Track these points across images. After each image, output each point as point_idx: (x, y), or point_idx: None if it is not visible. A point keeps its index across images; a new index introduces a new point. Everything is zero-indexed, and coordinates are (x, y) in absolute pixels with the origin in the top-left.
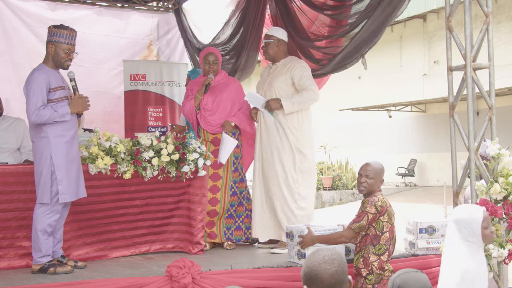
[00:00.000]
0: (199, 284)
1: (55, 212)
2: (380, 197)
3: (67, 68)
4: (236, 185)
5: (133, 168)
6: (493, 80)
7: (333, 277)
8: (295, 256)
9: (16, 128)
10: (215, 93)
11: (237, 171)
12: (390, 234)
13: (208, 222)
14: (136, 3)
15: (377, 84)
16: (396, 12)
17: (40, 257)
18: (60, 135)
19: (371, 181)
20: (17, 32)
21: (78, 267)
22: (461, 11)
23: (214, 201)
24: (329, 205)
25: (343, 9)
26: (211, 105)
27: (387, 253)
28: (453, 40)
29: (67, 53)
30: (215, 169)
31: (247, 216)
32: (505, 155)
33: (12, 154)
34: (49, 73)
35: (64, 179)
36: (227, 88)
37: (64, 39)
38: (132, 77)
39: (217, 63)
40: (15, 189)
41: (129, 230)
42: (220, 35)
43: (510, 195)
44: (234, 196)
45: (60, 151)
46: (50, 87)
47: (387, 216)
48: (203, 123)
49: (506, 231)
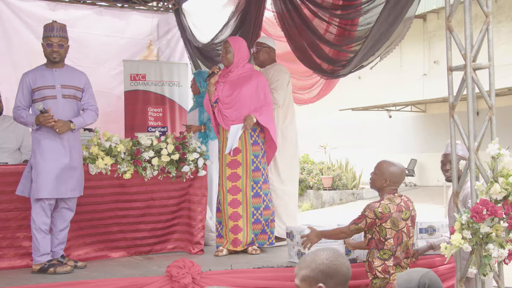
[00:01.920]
0: (199, 284)
1: (45, 209)
2: (384, 202)
3: (54, 60)
4: (258, 185)
5: (133, 168)
6: (493, 80)
7: (349, 270)
8: (295, 256)
9: (16, 128)
10: (234, 87)
11: (258, 170)
12: (395, 241)
13: (233, 227)
14: (136, 3)
15: (377, 84)
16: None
17: (39, 256)
18: (44, 132)
19: (374, 176)
20: (17, 32)
21: (78, 267)
22: (461, 11)
23: (235, 203)
24: (329, 205)
25: (352, 9)
26: (228, 99)
27: (393, 258)
28: (453, 40)
29: (49, 45)
30: (232, 168)
31: (273, 220)
32: (505, 155)
33: (12, 154)
34: (39, 73)
35: (41, 175)
36: (249, 82)
37: (46, 33)
38: (132, 77)
39: (230, 52)
40: (15, 189)
41: (129, 231)
42: (219, 35)
43: (510, 195)
44: (258, 198)
45: (40, 149)
46: (33, 86)
47: (390, 223)
48: (219, 117)
49: (506, 231)
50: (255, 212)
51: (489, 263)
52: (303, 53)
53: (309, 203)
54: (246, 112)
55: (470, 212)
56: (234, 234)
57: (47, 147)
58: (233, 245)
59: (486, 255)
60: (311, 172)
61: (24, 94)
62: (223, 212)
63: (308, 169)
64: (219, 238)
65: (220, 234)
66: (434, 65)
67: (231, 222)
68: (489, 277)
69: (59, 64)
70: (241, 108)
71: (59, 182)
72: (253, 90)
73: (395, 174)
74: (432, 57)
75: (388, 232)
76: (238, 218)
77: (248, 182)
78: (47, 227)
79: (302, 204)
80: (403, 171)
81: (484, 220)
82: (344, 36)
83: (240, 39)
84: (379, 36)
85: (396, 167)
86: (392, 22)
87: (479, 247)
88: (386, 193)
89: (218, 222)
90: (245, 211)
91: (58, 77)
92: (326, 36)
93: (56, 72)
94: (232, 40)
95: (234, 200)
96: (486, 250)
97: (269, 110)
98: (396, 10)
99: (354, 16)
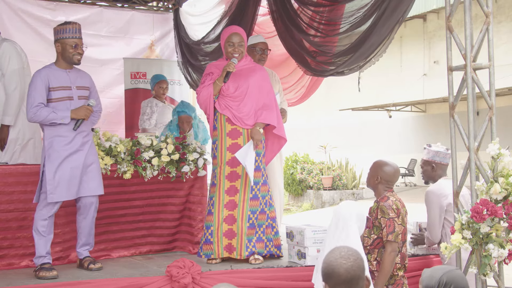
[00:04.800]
0: (199, 284)
1: (45, 211)
2: (393, 199)
3: (78, 62)
4: (257, 187)
5: (133, 168)
6: (493, 80)
7: (348, 272)
8: (295, 256)
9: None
10: (239, 79)
11: (259, 170)
12: (402, 237)
13: (227, 231)
14: (136, 3)
15: (377, 84)
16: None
17: (35, 258)
18: (56, 136)
19: (368, 175)
20: (18, 32)
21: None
22: (461, 11)
23: (232, 205)
24: (329, 205)
25: (334, 6)
26: (233, 92)
27: (400, 255)
28: (453, 40)
29: (73, 47)
30: (232, 167)
31: (269, 225)
32: (505, 155)
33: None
34: (52, 73)
35: (52, 179)
36: (254, 74)
37: (68, 33)
38: (132, 75)
39: (242, 45)
40: (15, 189)
41: (129, 231)
42: (211, 34)
43: (510, 195)
44: (255, 201)
45: (52, 153)
46: (50, 86)
47: (400, 219)
48: (228, 112)
49: (506, 231)
50: (251, 216)
51: (489, 263)
52: (294, 49)
53: (309, 203)
54: (255, 107)
55: (470, 212)
56: (228, 239)
57: (57, 152)
58: (228, 251)
59: (486, 255)
60: (311, 172)
61: (40, 93)
62: (215, 215)
63: (308, 169)
64: (207, 244)
65: (208, 240)
66: (434, 65)
67: (225, 225)
68: (488, 277)
69: (71, 65)
70: (250, 101)
71: (69, 185)
72: (260, 82)
73: (388, 173)
74: (432, 57)
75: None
76: (233, 222)
77: (248, 183)
78: (44, 229)
79: (302, 204)
80: (397, 170)
81: (484, 220)
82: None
83: (242, 29)
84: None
85: (389, 167)
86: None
87: (479, 247)
88: (384, 191)
89: (206, 227)
90: (240, 214)
91: (72, 78)
92: (309, 32)
93: (70, 73)
94: (241, 32)
95: (230, 201)
96: (486, 250)
97: (273, 106)
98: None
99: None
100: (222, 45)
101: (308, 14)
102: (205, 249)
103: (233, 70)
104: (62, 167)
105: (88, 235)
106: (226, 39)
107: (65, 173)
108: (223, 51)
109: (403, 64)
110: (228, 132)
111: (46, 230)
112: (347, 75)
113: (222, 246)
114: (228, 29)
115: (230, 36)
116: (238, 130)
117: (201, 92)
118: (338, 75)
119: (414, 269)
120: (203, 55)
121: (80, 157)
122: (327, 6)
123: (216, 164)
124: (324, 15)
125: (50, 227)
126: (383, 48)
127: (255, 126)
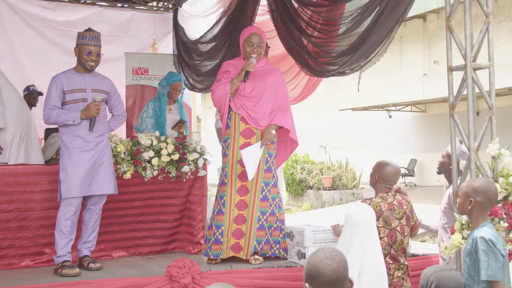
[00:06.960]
0: (199, 284)
1: (67, 211)
2: (376, 200)
3: (90, 68)
4: (268, 188)
5: (133, 168)
6: (493, 80)
7: (334, 272)
8: (295, 256)
9: None
10: (255, 80)
11: (270, 171)
12: (388, 239)
13: (235, 231)
14: (136, 3)
15: (377, 84)
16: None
17: (56, 257)
18: (72, 136)
19: (370, 174)
20: (18, 32)
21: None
22: (461, 11)
23: (242, 205)
24: (329, 205)
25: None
26: (250, 92)
27: (389, 256)
28: (453, 40)
29: (87, 54)
30: (244, 166)
31: (277, 228)
32: (505, 155)
33: None
34: (68, 77)
35: (66, 177)
36: (271, 76)
37: (85, 40)
38: (134, 71)
39: (261, 46)
40: (15, 190)
41: (129, 231)
42: (208, 33)
43: (510, 195)
44: (265, 202)
45: (68, 152)
46: (64, 89)
47: (382, 221)
48: (243, 112)
49: (506, 231)
50: (261, 217)
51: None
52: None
53: (309, 203)
54: (271, 108)
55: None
56: (236, 238)
57: (73, 151)
58: (234, 251)
59: None
60: (311, 172)
61: (56, 96)
62: (227, 215)
63: (308, 169)
64: (217, 244)
65: (218, 240)
66: (434, 65)
67: (234, 225)
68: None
69: (89, 70)
70: (266, 102)
71: (83, 181)
72: (276, 84)
73: (387, 173)
74: (432, 57)
75: (381, 231)
76: (243, 222)
77: (259, 183)
78: (68, 229)
79: (302, 204)
80: (397, 171)
81: None
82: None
83: (261, 30)
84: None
85: (389, 167)
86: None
87: None
88: (380, 192)
89: (216, 227)
90: (250, 214)
91: (88, 81)
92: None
93: (86, 77)
94: (261, 33)
95: (241, 201)
96: None
97: (288, 110)
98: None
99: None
100: (241, 44)
101: (307, 14)
102: (214, 249)
103: (252, 70)
104: (77, 165)
105: (91, 233)
106: (246, 38)
107: (78, 171)
108: (241, 50)
109: (403, 64)
110: (241, 131)
111: (69, 230)
112: (348, 75)
113: (230, 246)
114: (248, 29)
115: (250, 36)
116: (252, 129)
117: (217, 90)
118: (339, 75)
119: (414, 269)
120: (198, 55)
121: (93, 156)
122: (326, 7)
123: (226, 163)
124: (323, 15)
125: (73, 228)
126: (383, 47)
127: (268, 127)
